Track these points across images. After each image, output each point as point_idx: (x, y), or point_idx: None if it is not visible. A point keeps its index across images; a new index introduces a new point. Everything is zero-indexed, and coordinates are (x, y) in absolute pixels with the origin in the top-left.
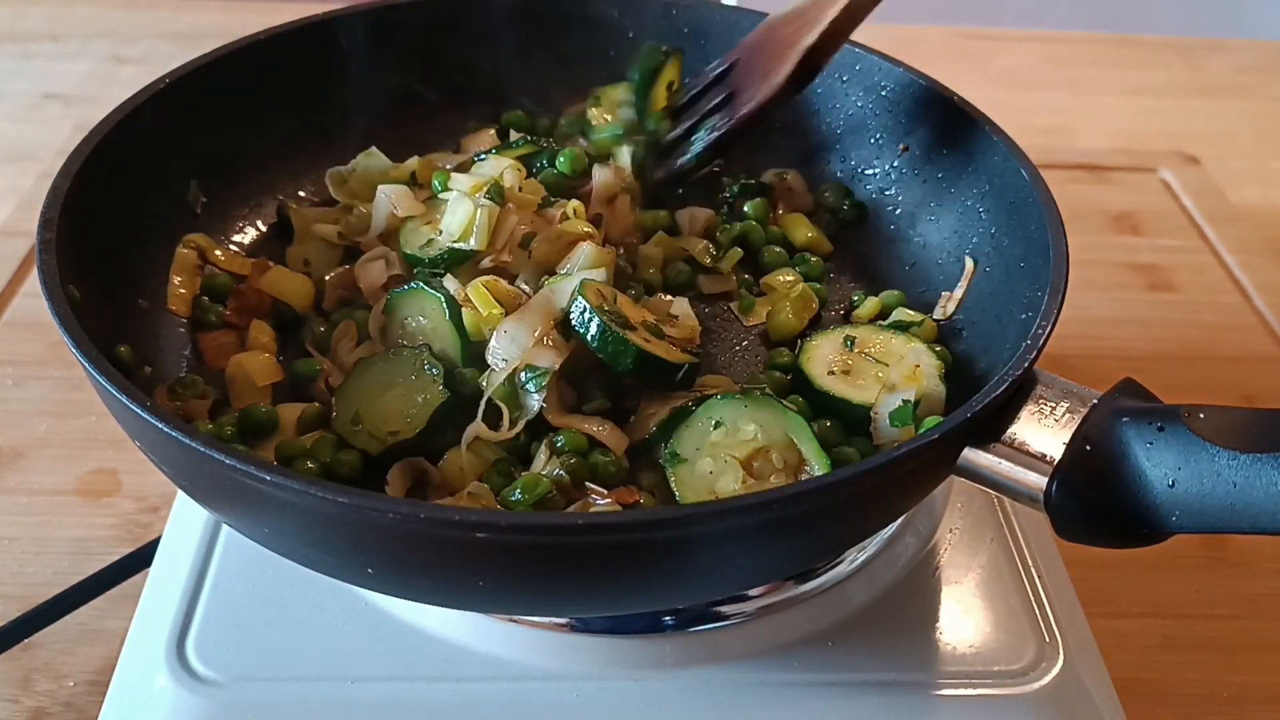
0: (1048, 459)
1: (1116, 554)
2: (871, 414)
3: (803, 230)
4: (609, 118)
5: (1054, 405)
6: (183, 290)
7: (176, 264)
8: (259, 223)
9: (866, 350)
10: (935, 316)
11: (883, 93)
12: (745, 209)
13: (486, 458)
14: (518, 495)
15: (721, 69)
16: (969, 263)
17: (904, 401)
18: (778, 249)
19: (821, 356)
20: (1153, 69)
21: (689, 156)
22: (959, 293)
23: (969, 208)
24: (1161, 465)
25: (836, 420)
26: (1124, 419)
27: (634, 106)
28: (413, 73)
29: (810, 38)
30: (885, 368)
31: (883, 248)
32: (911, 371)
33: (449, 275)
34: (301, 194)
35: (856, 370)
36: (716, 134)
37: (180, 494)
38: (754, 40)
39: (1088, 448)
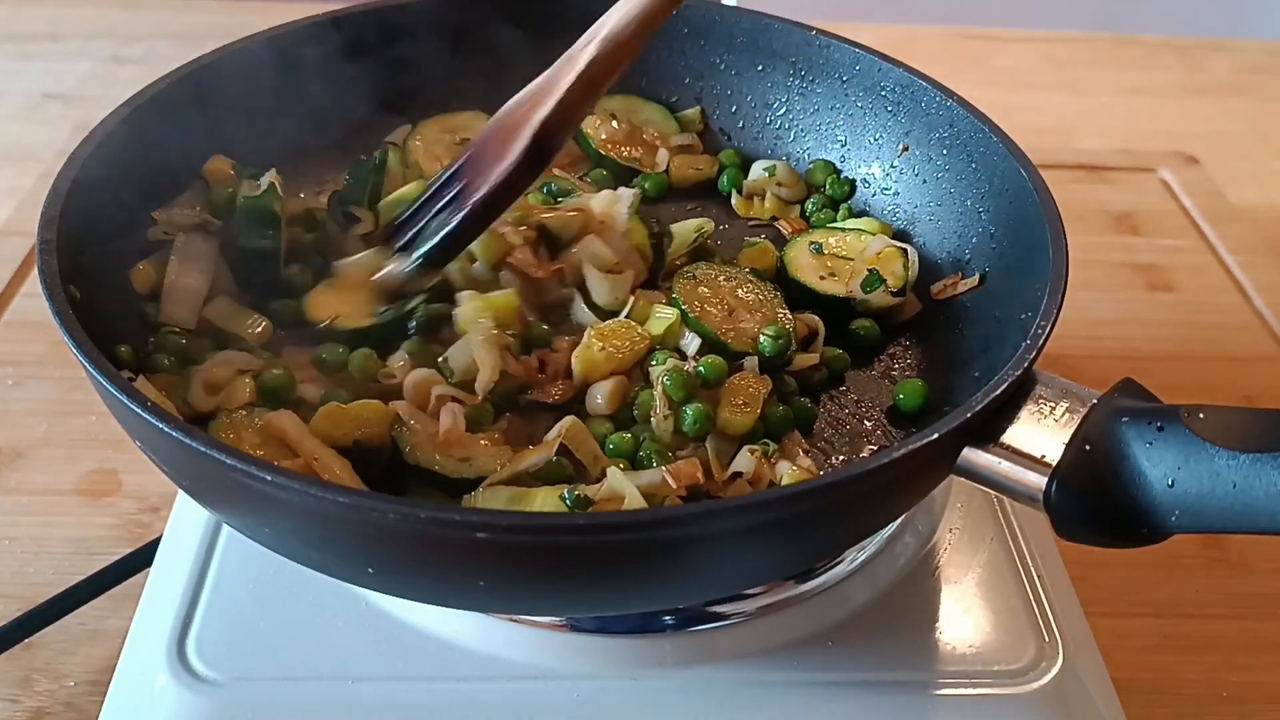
0: (1047, 459)
1: (1116, 554)
2: (851, 299)
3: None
4: (600, 123)
5: (1053, 405)
6: (143, 268)
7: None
8: None
9: (834, 252)
10: (931, 290)
11: (882, 92)
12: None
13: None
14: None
15: (454, 167)
16: (976, 277)
17: (869, 271)
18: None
19: (806, 264)
20: (1153, 69)
21: (415, 259)
22: (961, 287)
23: (968, 208)
24: (1161, 465)
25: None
26: (1123, 419)
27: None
28: (409, 72)
29: (542, 112)
30: (850, 261)
31: None
32: (875, 258)
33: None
34: (302, 195)
35: (838, 271)
36: (445, 230)
37: (181, 494)
38: (487, 130)
39: (1087, 447)
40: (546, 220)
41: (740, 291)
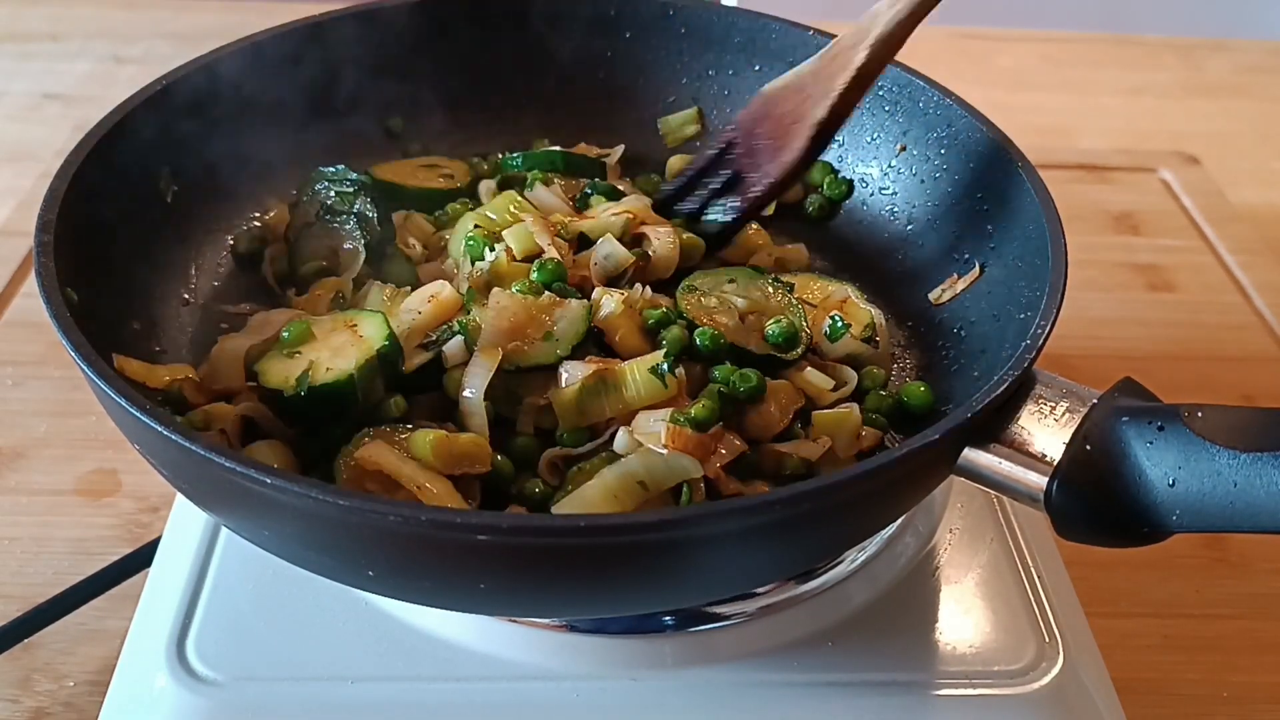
0: (1047, 459)
1: (1116, 554)
2: (814, 342)
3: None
4: None
5: (1054, 405)
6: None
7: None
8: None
9: (802, 296)
10: (930, 298)
11: (880, 92)
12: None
13: None
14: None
15: (719, 148)
16: (976, 268)
17: (832, 318)
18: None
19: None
20: (1153, 69)
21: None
22: (960, 286)
23: (967, 208)
24: (1161, 464)
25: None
26: (1124, 418)
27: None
28: (408, 72)
29: (820, 112)
30: (814, 308)
31: (879, 248)
32: (840, 305)
33: None
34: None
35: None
36: (727, 218)
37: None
38: (752, 116)
39: (1088, 447)
40: (584, 228)
41: (748, 292)
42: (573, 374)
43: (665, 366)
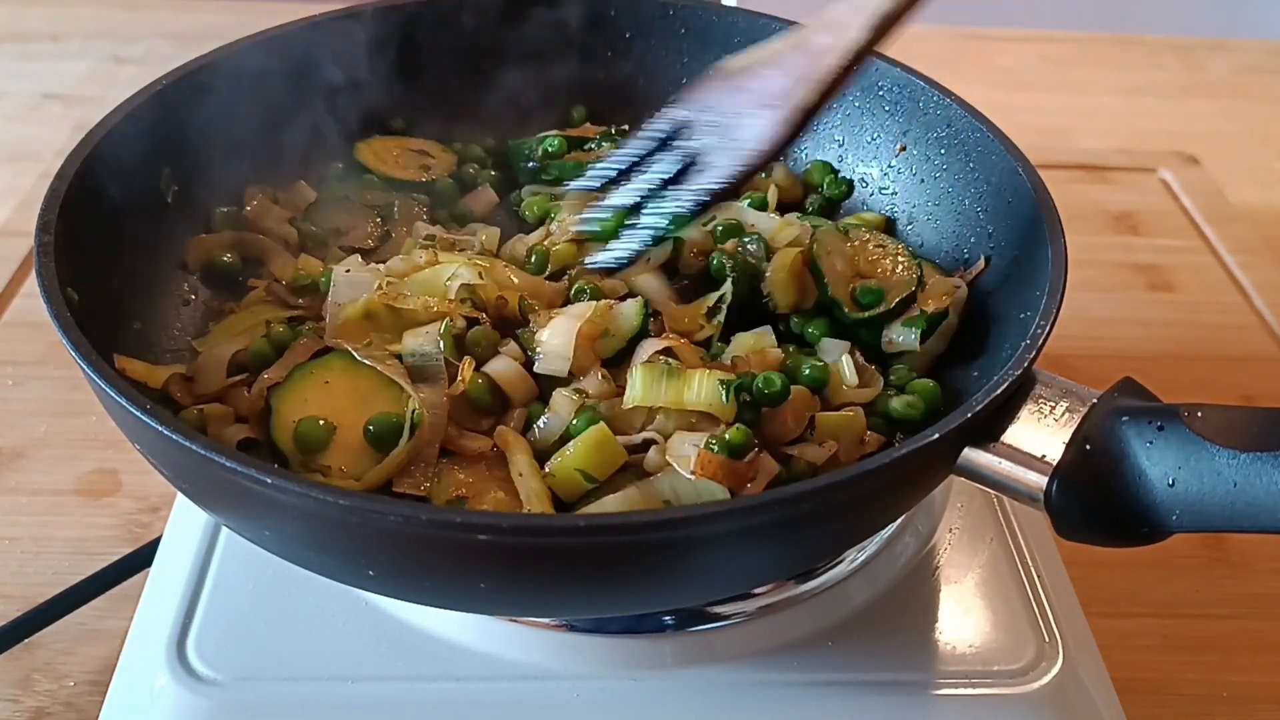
0: (1047, 458)
1: (1116, 554)
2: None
3: None
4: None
5: (1053, 405)
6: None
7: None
8: None
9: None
10: None
11: (880, 92)
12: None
13: None
14: None
15: (666, 131)
16: (981, 260)
17: (921, 311)
18: None
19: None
20: (1153, 69)
21: (641, 242)
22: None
23: (967, 208)
24: (1161, 464)
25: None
26: (1123, 418)
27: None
28: (408, 71)
29: (806, 95)
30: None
31: None
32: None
33: None
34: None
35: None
36: (682, 210)
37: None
38: (711, 95)
39: (1087, 447)
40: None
41: (867, 253)
42: (646, 351)
43: (733, 389)
